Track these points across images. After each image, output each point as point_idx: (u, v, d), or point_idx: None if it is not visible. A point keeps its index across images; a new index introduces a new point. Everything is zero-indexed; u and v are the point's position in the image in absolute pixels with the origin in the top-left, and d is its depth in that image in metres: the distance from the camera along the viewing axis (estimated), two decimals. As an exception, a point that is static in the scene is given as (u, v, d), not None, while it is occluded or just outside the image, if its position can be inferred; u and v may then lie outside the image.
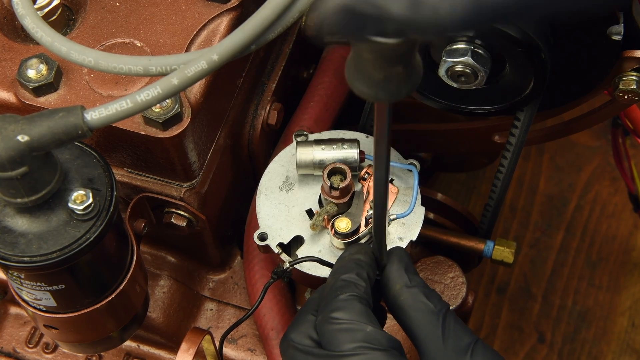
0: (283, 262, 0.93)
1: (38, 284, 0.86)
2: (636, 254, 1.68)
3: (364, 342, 0.77)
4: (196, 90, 0.92)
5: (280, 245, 0.93)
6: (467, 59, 0.92)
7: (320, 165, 0.94)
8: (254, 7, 0.83)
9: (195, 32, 0.93)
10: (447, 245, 1.16)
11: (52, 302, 0.89)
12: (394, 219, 0.93)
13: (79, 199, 0.81)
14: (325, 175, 0.92)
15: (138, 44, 0.93)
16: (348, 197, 0.92)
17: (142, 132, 0.90)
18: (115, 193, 0.84)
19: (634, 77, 0.96)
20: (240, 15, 0.94)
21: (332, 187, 0.91)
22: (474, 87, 0.95)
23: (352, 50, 0.62)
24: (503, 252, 1.14)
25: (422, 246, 1.19)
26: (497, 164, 1.08)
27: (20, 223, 0.81)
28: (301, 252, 0.93)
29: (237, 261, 1.19)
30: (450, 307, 1.08)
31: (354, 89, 0.64)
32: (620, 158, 1.36)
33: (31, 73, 0.90)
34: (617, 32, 0.90)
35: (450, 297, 1.10)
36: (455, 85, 0.95)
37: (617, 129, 1.33)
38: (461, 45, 0.92)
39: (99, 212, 0.82)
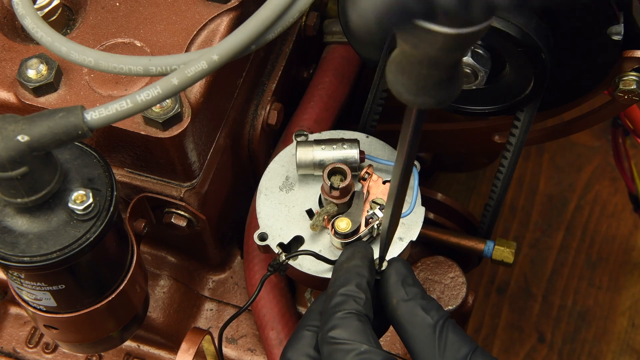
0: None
1: (38, 284, 0.86)
2: (636, 254, 1.68)
3: None
4: (196, 90, 0.92)
5: (280, 245, 0.93)
6: (467, 59, 0.92)
7: (320, 165, 0.94)
8: (254, 7, 0.83)
9: (195, 32, 0.93)
10: (447, 245, 1.16)
11: (52, 302, 0.89)
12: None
13: (79, 199, 0.81)
14: (325, 175, 0.91)
15: (138, 44, 0.93)
16: (348, 197, 0.92)
17: (142, 132, 0.90)
18: (115, 193, 0.84)
19: (634, 77, 0.96)
20: (240, 15, 0.94)
21: (332, 187, 0.91)
22: (474, 87, 0.95)
23: (395, 53, 0.61)
24: (503, 252, 1.14)
25: (422, 246, 1.18)
26: (497, 164, 1.08)
27: (21, 223, 0.81)
28: (301, 252, 0.93)
29: (237, 261, 1.19)
30: (450, 307, 1.09)
31: (394, 92, 0.63)
32: (620, 158, 1.36)
33: (31, 73, 0.89)
34: (617, 32, 0.90)
35: (450, 297, 1.09)
36: (455, 85, 0.95)
37: (617, 129, 1.33)
38: (461, 45, 0.92)
39: (99, 212, 0.82)
